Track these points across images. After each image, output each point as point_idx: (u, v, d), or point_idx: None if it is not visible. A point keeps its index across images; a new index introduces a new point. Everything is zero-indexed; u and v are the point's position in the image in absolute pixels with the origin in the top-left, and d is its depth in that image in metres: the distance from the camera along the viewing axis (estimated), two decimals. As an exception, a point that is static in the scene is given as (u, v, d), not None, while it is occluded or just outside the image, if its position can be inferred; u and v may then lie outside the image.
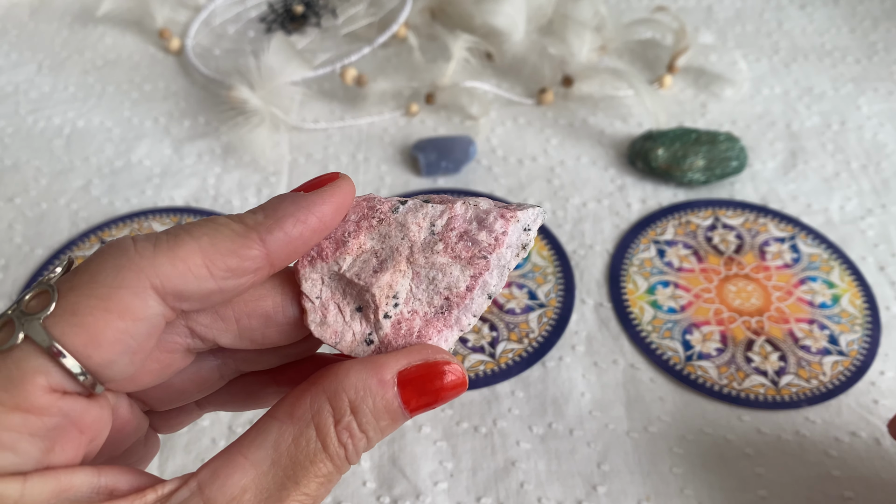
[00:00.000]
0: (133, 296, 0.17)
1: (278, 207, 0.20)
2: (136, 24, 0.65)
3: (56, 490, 0.17)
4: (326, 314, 0.21)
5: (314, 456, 0.19)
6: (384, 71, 0.60)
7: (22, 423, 0.16)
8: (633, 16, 0.64)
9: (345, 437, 0.19)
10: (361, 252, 0.22)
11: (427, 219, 0.22)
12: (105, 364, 0.17)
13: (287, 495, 0.18)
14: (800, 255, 0.45)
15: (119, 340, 0.17)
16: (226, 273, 0.19)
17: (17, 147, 0.54)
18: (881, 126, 0.54)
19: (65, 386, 0.17)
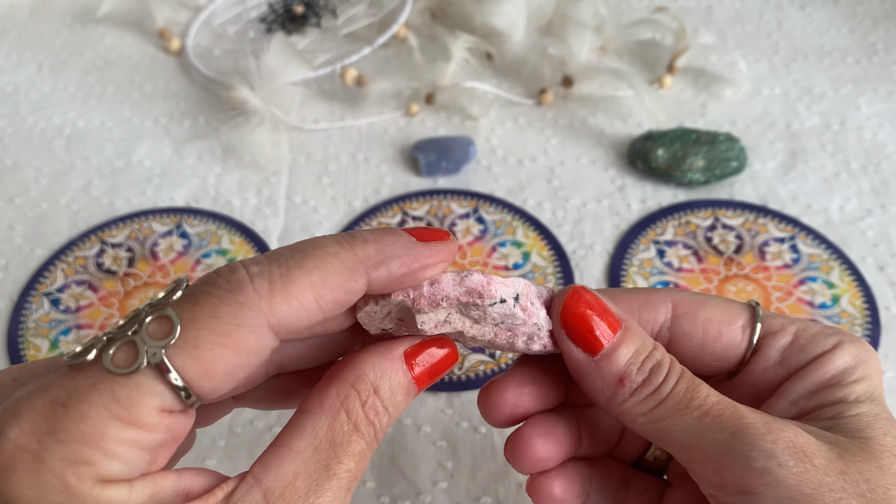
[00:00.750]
0: (251, 334, 0.19)
1: (390, 247, 0.21)
2: (136, 24, 0.66)
3: (151, 493, 0.19)
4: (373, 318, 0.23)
5: (349, 436, 0.21)
6: (384, 71, 0.60)
7: (135, 438, 0.18)
8: (632, 16, 0.64)
9: (371, 416, 0.22)
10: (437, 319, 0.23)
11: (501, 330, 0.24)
12: (213, 391, 0.19)
13: (333, 474, 0.20)
14: (799, 256, 0.46)
15: (231, 373, 0.19)
16: (333, 307, 0.21)
17: (17, 147, 0.54)
18: (881, 126, 0.54)
19: (174, 408, 0.19)
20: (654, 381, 0.23)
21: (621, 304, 0.25)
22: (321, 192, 0.51)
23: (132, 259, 0.46)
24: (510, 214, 0.48)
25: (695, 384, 0.23)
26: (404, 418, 0.38)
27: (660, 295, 0.25)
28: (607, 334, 0.23)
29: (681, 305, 0.25)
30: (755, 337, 0.24)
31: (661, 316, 0.25)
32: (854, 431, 0.22)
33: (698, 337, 0.25)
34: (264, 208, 0.50)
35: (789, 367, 0.24)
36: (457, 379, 0.40)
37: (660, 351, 0.23)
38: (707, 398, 0.22)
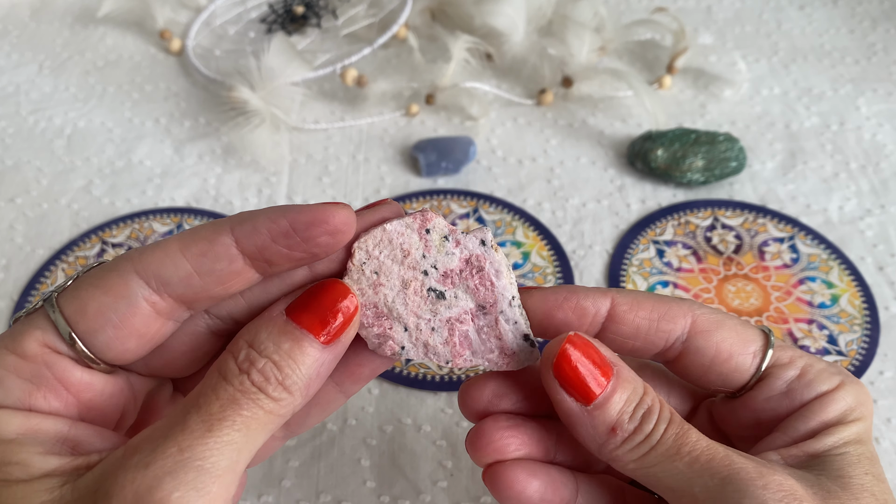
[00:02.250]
0: (117, 277, 0.22)
1: (262, 209, 0.22)
2: (136, 24, 0.66)
3: (24, 427, 0.20)
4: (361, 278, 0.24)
5: (215, 386, 0.21)
6: (384, 71, 0.60)
7: (13, 364, 0.21)
8: (632, 17, 0.64)
9: (245, 366, 0.21)
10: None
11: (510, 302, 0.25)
12: (89, 331, 0.21)
13: (188, 417, 0.20)
14: (799, 256, 0.46)
15: (101, 312, 0.21)
16: (198, 256, 0.21)
17: (18, 147, 0.55)
18: (880, 126, 0.54)
19: (56, 346, 0.21)
20: (644, 429, 0.23)
21: (643, 309, 0.25)
22: (321, 192, 0.51)
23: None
24: (510, 214, 0.49)
25: (684, 429, 0.23)
26: (404, 418, 0.38)
27: (682, 308, 0.25)
28: (601, 383, 0.23)
29: (700, 322, 0.25)
30: (764, 365, 0.25)
31: (679, 329, 0.25)
32: (837, 470, 0.23)
33: (709, 356, 0.25)
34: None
35: (793, 401, 0.25)
36: (456, 378, 0.40)
37: (650, 395, 0.24)
38: (696, 444, 0.22)
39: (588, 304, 0.25)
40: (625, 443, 0.23)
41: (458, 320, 0.25)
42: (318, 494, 0.36)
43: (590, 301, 0.25)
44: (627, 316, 0.25)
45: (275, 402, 0.21)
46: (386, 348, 0.24)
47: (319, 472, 0.36)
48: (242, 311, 0.24)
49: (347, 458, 0.37)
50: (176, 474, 0.19)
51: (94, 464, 0.20)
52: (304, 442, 0.37)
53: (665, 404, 0.24)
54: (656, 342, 0.25)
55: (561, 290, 0.25)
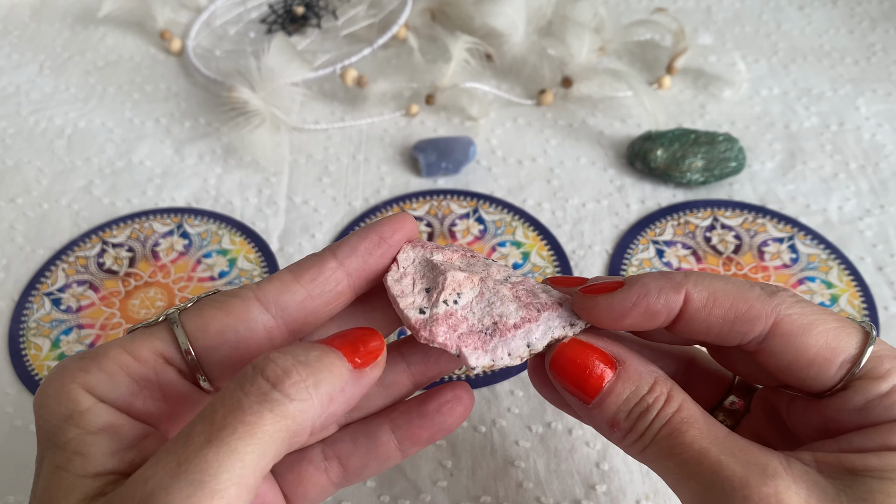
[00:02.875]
0: (240, 302, 0.23)
1: (349, 234, 0.25)
2: (137, 25, 0.66)
3: (110, 424, 0.21)
4: (403, 278, 0.26)
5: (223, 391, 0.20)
6: (384, 72, 0.60)
7: (126, 363, 0.22)
8: (632, 17, 0.65)
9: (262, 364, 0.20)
10: (450, 260, 0.27)
11: (506, 271, 0.27)
12: (208, 349, 0.23)
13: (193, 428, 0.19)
14: (798, 256, 0.46)
15: (221, 332, 0.23)
16: (310, 281, 0.24)
17: (18, 147, 0.55)
18: (879, 127, 0.54)
19: (169, 356, 0.23)
20: (638, 429, 0.23)
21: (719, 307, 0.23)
22: (321, 193, 0.51)
23: (133, 259, 0.47)
24: (510, 214, 0.49)
25: (681, 430, 0.22)
26: (404, 417, 0.38)
27: (765, 307, 0.23)
28: (598, 382, 0.23)
29: (783, 324, 0.23)
30: (850, 375, 0.22)
31: (757, 331, 0.23)
32: (866, 492, 0.20)
33: (787, 360, 0.23)
34: (265, 208, 0.50)
35: (865, 419, 0.22)
36: (456, 378, 0.40)
37: (655, 392, 0.23)
38: (690, 445, 0.22)
39: (659, 306, 0.23)
40: (624, 438, 0.23)
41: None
42: (319, 494, 0.36)
43: (661, 302, 0.23)
44: (700, 315, 0.23)
45: (289, 402, 0.19)
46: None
47: (319, 472, 0.36)
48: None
49: (347, 457, 0.37)
50: (170, 489, 0.17)
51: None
52: (304, 442, 0.37)
53: (673, 398, 0.23)
54: (730, 340, 0.24)
55: (630, 294, 0.24)
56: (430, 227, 0.48)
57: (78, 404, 0.21)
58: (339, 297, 0.25)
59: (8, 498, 0.36)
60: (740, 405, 0.27)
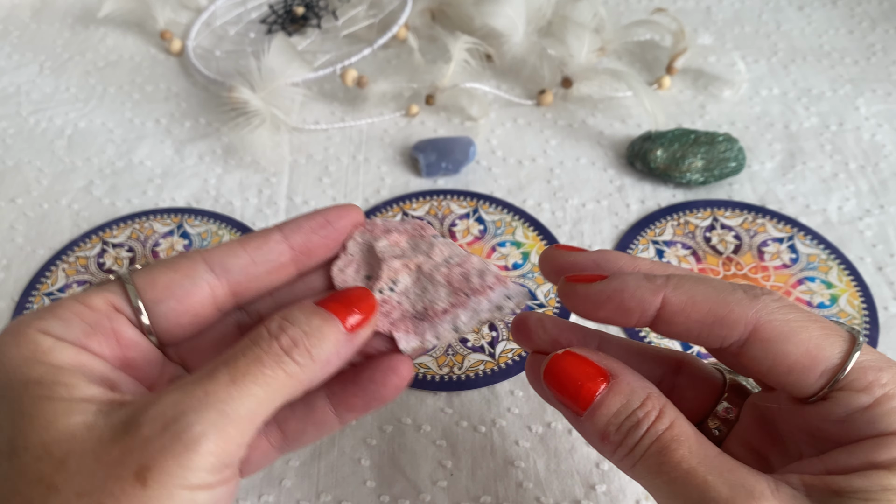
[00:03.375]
0: (186, 260, 0.26)
1: (296, 217, 0.27)
2: (137, 25, 0.66)
3: (75, 359, 0.23)
4: (348, 267, 0.28)
5: (244, 348, 0.23)
6: (384, 72, 0.60)
7: (80, 309, 0.24)
8: (631, 17, 0.65)
9: (276, 332, 0.23)
10: (396, 245, 0.29)
11: (449, 250, 0.29)
12: (155, 300, 0.25)
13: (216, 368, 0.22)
14: (798, 256, 0.46)
15: (168, 286, 0.25)
16: (255, 248, 0.26)
17: (18, 148, 0.55)
18: (879, 127, 0.54)
19: (120, 306, 0.25)
20: (628, 443, 0.23)
21: (698, 311, 0.23)
22: (321, 193, 0.51)
23: (133, 259, 0.47)
24: (510, 215, 0.49)
25: (670, 447, 0.22)
26: (404, 417, 0.38)
27: (744, 311, 0.22)
28: (590, 396, 0.24)
29: (764, 330, 0.22)
30: (830, 387, 0.22)
31: (735, 335, 0.23)
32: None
33: (766, 366, 0.23)
34: (265, 208, 0.50)
35: (849, 433, 0.22)
36: (456, 378, 0.40)
37: (647, 407, 0.23)
38: (679, 463, 0.22)
39: (633, 304, 0.23)
40: (615, 452, 0.24)
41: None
42: (319, 494, 0.36)
43: (636, 301, 0.23)
44: (678, 318, 0.23)
45: (297, 367, 0.23)
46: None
47: (319, 472, 0.36)
48: (270, 309, 0.28)
49: (347, 457, 0.37)
50: (199, 411, 0.21)
51: (128, 402, 0.22)
52: (304, 441, 0.37)
53: (665, 415, 0.23)
54: (710, 343, 0.23)
55: (606, 288, 0.24)
56: (430, 228, 0.48)
57: (38, 345, 0.22)
58: (281, 269, 0.27)
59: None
60: (735, 412, 0.27)
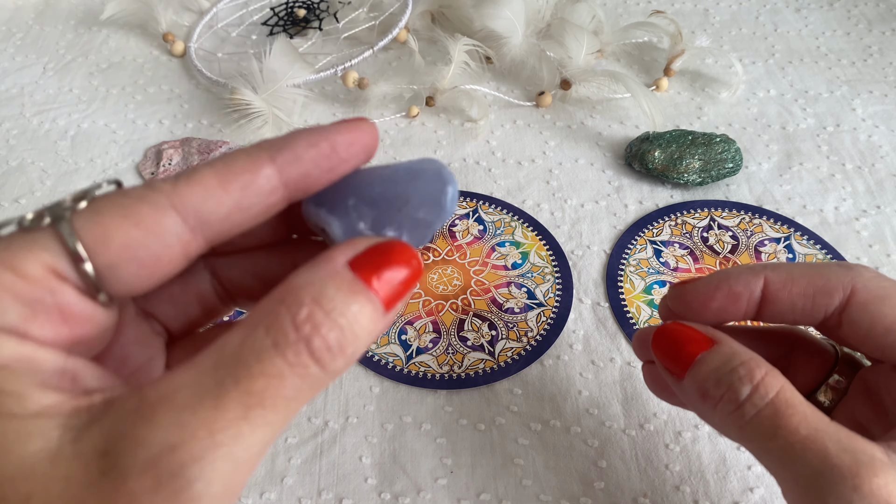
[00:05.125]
0: (151, 209, 0.18)
1: (295, 132, 0.20)
2: (140, 27, 0.66)
3: (19, 353, 0.17)
4: None
5: (259, 353, 0.17)
6: (385, 74, 0.60)
7: (11, 282, 0.17)
8: (629, 19, 0.65)
9: (307, 329, 0.18)
10: None
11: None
12: (110, 265, 0.18)
13: (225, 392, 0.17)
14: (795, 256, 0.46)
15: (128, 246, 0.18)
16: (240, 189, 0.19)
17: (22, 148, 0.55)
18: (875, 128, 0.55)
19: (63, 271, 0.18)
20: (733, 398, 0.23)
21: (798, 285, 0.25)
22: (323, 193, 0.51)
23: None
24: (509, 215, 0.49)
25: (786, 413, 0.22)
26: (404, 416, 0.39)
27: (841, 279, 0.24)
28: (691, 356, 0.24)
29: (859, 293, 0.24)
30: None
31: (835, 301, 0.24)
32: None
33: (864, 328, 0.24)
34: (266, 209, 0.50)
35: None
36: (456, 377, 0.40)
37: (747, 367, 0.23)
38: (796, 430, 0.22)
39: (740, 288, 0.25)
40: (717, 409, 0.23)
41: None
42: (320, 492, 0.36)
43: (741, 285, 0.25)
44: (781, 294, 0.25)
45: (326, 376, 0.18)
46: None
47: (321, 470, 0.37)
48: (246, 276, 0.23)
49: (348, 455, 0.37)
50: (203, 463, 0.16)
51: (97, 406, 0.17)
52: (305, 440, 0.38)
53: (773, 381, 0.23)
54: (815, 315, 0.25)
55: (712, 279, 0.26)
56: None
57: None
58: (270, 210, 0.20)
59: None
60: (845, 383, 0.28)
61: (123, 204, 0.18)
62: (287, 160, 0.20)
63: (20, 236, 0.18)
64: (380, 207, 0.21)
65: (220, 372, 0.17)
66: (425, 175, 0.21)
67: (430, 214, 0.21)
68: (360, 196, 0.21)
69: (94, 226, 0.18)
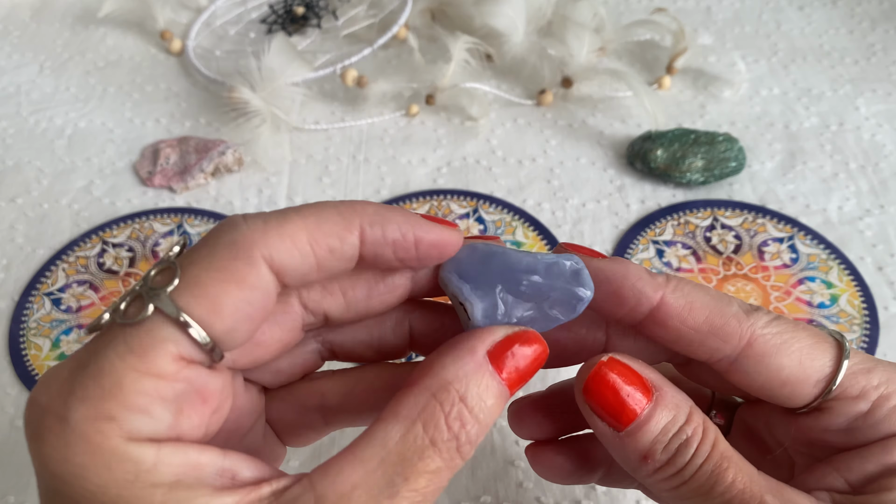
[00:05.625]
0: (248, 266, 0.19)
1: (389, 210, 0.21)
2: (137, 25, 0.66)
3: (186, 462, 0.18)
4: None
5: (422, 451, 0.19)
6: (384, 72, 0.60)
7: (154, 388, 0.17)
8: (632, 17, 0.65)
9: (456, 427, 0.19)
10: None
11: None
12: (226, 331, 0.18)
13: (396, 492, 0.18)
14: (798, 256, 0.46)
15: (238, 308, 0.18)
16: (327, 253, 0.20)
17: (18, 147, 0.55)
18: (879, 127, 0.54)
19: (192, 355, 0.18)
20: (677, 463, 0.21)
21: (693, 318, 0.22)
22: (321, 193, 0.51)
23: (133, 259, 0.47)
24: (510, 214, 0.49)
25: (722, 468, 0.21)
26: (404, 417, 0.38)
27: (741, 326, 0.22)
28: (635, 410, 0.21)
29: (757, 344, 0.22)
30: (825, 397, 0.22)
31: (728, 349, 0.22)
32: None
33: (760, 381, 0.22)
34: (265, 208, 0.50)
35: (854, 440, 0.22)
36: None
37: (693, 424, 0.21)
38: (732, 485, 0.21)
39: (631, 293, 0.22)
40: (657, 472, 0.22)
41: None
42: (319, 494, 0.36)
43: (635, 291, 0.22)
44: (672, 322, 0.22)
45: (461, 461, 0.20)
46: None
47: (320, 472, 0.36)
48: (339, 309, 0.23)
49: (348, 457, 0.37)
50: None
51: (266, 498, 0.18)
52: (304, 441, 0.37)
53: (710, 432, 0.22)
54: (699, 355, 0.23)
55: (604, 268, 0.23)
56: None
57: (136, 461, 0.17)
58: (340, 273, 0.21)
59: (8, 498, 0.36)
60: (721, 418, 0.27)
61: (218, 267, 0.18)
62: (375, 237, 0.20)
63: (133, 334, 0.18)
64: (522, 301, 0.22)
65: (388, 470, 0.18)
66: (564, 275, 0.22)
67: (562, 314, 0.22)
68: (508, 285, 0.22)
69: (200, 299, 0.18)
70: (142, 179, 0.51)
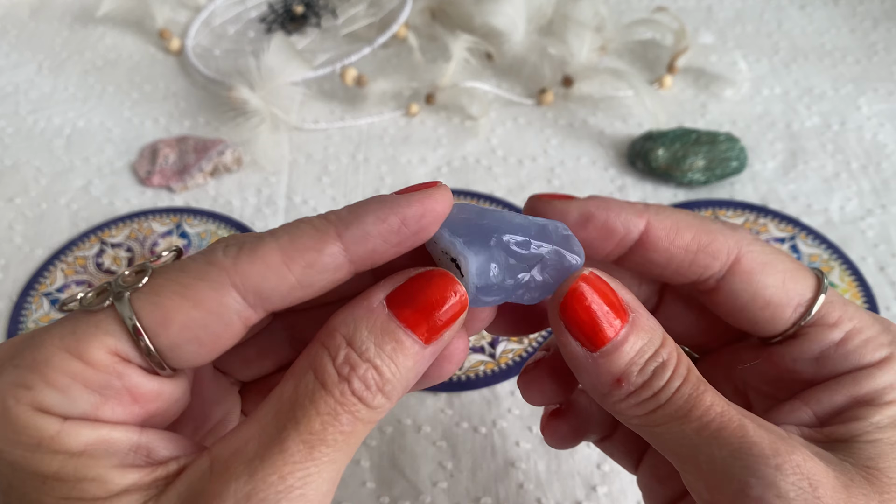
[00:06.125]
0: (210, 290, 0.19)
1: (362, 205, 0.20)
2: (136, 24, 0.66)
3: (95, 439, 0.18)
4: None
5: (312, 394, 0.19)
6: (384, 71, 0.60)
7: (78, 371, 0.18)
8: (633, 16, 0.64)
9: (345, 370, 0.19)
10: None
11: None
12: (170, 346, 0.19)
13: (287, 436, 0.18)
14: (800, 256, 0.45)
15: (186, 327, 0.18)
16: (304, 268, 0.19)
17: (17, 147, 0.54)
18: (881, 126, 0.54)
19: (128, 354, 0.19)
20: (653, 385, 0.20)
21: (682, 238, 0.22)
22: (321, 192, 0.51)
23: (132, 259, 0.46)
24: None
25: (699, 391, 0.20)
26: (404, 418, 0.38)
27: (727, 241, 0.22)
28: (611, 330, 0.20)
29: (744, 261, 0.22)
30: (804, 321, 0.22)
31: (718, 265, 0.22)
32: (866, 459, 0.20)
33: (745, 299, 0.22)
34: (264, 208, 0.50)
35: (823, 370, 0.22)
36: (457, 379, 0.40)
37: (668, 348, 0.21)
38: (710, 408, 0.20)
39: (618, 224, 0.22)
40: (630, 396, 0.21)
41: None
42: (318, 495, 0.35)
43: (620, 221, 0.22)
44: (661, 243, 0.22)
45: (373, 412, 0.19)
46: None
47: (319, 473, 0.36)
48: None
49: (347, 458, 0.37)
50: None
51: (173, 474, 0.19)
52: (303, 443, 0.37)
53: (683, 359, 0.21)
54: (689, 275, 0.22)
55: (588, 205, 0.22)
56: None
57: (40, 429, 0.18)
58: (334, 284, 0.20)
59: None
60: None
61: (183, 283, 0.19)
62: (355, 237, 0.19)
63: (84, 320, 0.19)
64: (516, 259, 0.21)
65: (281, 418, 0.18)
66: (556, 238, 0.21)
67: (552, 278, 0.21)
68: (501, 242, 0.21)
69: (154, 307, 0.18)
70: (140, 179, 0.51)
